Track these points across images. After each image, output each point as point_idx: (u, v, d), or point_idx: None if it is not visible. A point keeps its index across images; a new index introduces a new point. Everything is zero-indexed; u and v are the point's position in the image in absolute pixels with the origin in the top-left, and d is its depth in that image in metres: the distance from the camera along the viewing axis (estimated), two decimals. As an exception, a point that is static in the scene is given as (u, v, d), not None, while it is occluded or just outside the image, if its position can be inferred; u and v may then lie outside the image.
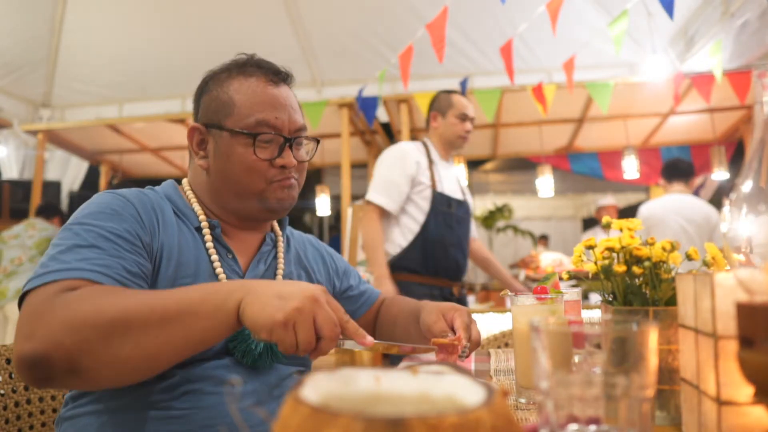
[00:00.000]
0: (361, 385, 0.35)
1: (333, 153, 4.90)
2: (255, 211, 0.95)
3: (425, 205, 2.34)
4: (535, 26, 3.61)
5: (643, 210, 3.50)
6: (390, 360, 2.11)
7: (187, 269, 0.86)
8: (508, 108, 4.43)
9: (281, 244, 1.04)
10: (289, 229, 1.13)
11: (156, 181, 1.00)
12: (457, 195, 2.45)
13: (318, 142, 1.03)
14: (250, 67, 0.97)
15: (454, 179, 2.50)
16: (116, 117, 4.98)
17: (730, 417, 0.45)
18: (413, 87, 4.13)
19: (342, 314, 0.70)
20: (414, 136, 4.88)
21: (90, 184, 5.89)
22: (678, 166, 3.55)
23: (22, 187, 5.16)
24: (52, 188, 5.32)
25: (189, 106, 4.94)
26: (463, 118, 2.40)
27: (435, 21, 3.15)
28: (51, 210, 4.12)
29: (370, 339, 0.72)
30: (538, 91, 3.79)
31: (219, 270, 0.90)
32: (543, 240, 7.59)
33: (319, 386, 0.33)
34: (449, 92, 2.48)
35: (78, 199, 5.55)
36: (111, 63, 4.82)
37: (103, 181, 5.80)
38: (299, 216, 9.35)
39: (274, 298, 0.66)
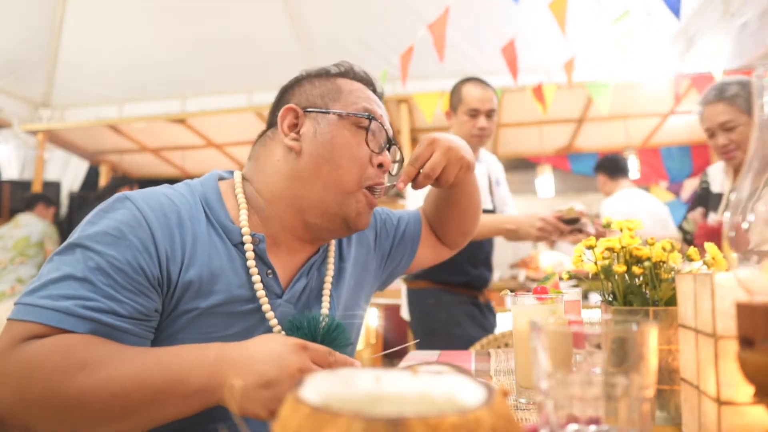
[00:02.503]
0: (361, 385, 0.35)
1: (333, 153, 4.90)
2: (328, 215, 0.85)
3: None
4: (536, 26, 3.61)
5: (615, 204, 3.56)
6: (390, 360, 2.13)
7: (221, 297, 0.78)
8: (508, 108, 4.43)
9: (332, 252, 0.97)
10: None
11: (156, 182, 0.95)
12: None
13: (402, 161, 0.98)
14: (353, 74, 0.94)
15: (483, 183, 2.15)
16: (116, 117, 4.98)
17: (730, 417, 0.45)
18: (413, 87, 4.14)
19: (328, 358, 0.67)
20: (414, 136, 4.88)
21: (90, 184, 5.89)
22: (619, 164, 3.63)
23: (22, 187, 5.17)
24: (52, 188, 5.32)
25: (189, 106, 4.97)
26: (474, 114, 2.03)
27: (437, 21, 3.15)
28: (31, 201, 4.12)
29: (358, 363, 0.71)
30: (538, 91, 3.79)
31: (261, 292, 0.82)
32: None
33: (319, 386, 0.33)
34: (463, 80, 2.10)
35: (78, 199, 5.55)
36: (111, 63, 4.82)
37: (103, 182, 5.80)
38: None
39: (262, 390, 0.62)
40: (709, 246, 0.68)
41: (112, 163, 5.83)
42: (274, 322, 0.82)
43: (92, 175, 5.89)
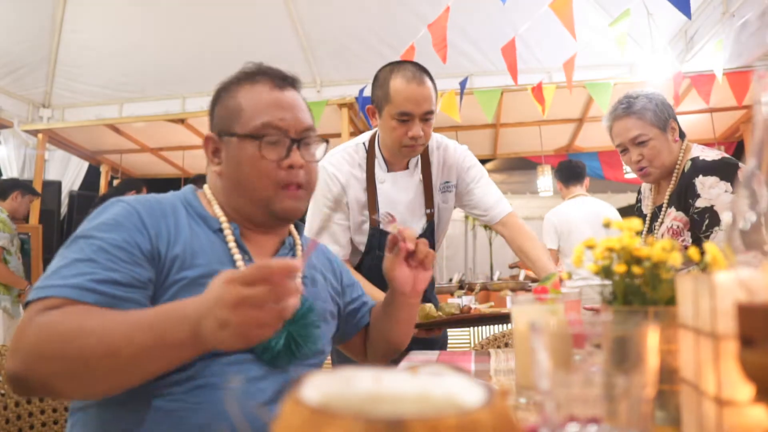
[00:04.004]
0: (361, 385, 0.35)
1: (333, 153, 4.90)
2: (264, 217, 0.98)
3: (361, 245, 1.66)
4: (535, 26, 3.61)
5: (551, 218, 3.58)
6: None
7: (203, 269, 0.88)
8: (508, 108, 4.44)
9: (299, 249, 1.07)
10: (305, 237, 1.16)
11: (156, 181, 1.01)
12: (411, 226, 1.63)
13: (327, 142, 1.05)
14: (257, 74, 1.00)
15: (411, 198, 1.66)
16: (116, 117, 4.98)
17: (730, 417, 0.45)
18: (413, 87, 4.12)
19: (261, 272, 0.66)
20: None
21: (90, 184, 5.88)
22: (574, 171, 3.67)
23: (22, 187, 5.16)
24: (52, 188, 5.32)
25: (189, 106, 4.97)
26: (404, 118, 1.49)
27: (436, 21, 3.15)
28: (6, 189, 4.03)
29: (295, 263, 0.68)
30: (537, 91, 3.80)
31: (241, 265, 0.92)
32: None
33: (319, 386, 0.33)
34: (393, 68, 1.54)
35: (78, 199, 5.55)
36: (111, 63, 4.82)
37: (103, 181, 5.81)
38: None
39: (220, 331, 0.67)
40: (709, 246, 0.68)
41: (112, 162, 5.83)
42: None
43: (92, 174, 5.89)
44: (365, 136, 1.70)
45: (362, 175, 1.63)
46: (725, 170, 1.59)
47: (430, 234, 1.69)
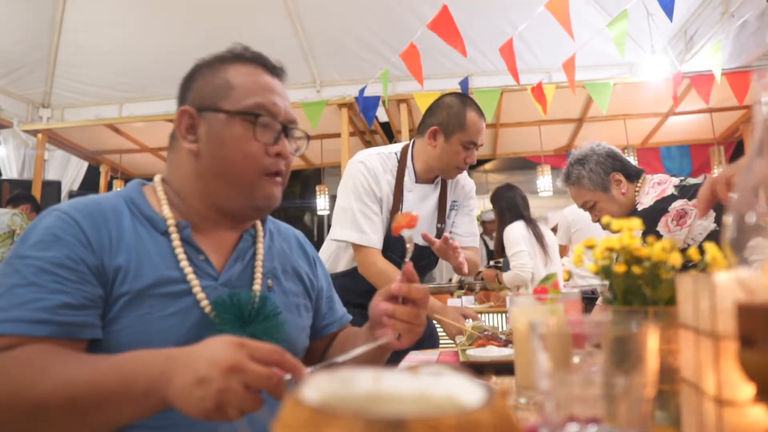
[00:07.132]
0: (361, 385, 0.35)
1: (333, 153, 4.91)
2: (239, 206, 0.91)
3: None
4: (535, 26, 3.61)
5: (568, 215, 3.65)
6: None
7: (150, 279, 0.81)
8: (508, 108, 4.43)
9: (261, 240, 0.99)
10: (274, 222, 1.07)
11: None
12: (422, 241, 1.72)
13: (309, 138, 1.00)
14: (246, 55, 0.95)
15: (430, 211, 1.85)
16: (116, 117, 4.98)
17: (730, 417, 0.45)
18: (413, 87, 4.14)
19: (273, 355, 0.63)
20: (413, 136, 4.88)
21: (89, 184, 5.89)
22: None
23: (21, 187, 5.16)
24: (51, 188, 5.32)
25: (189, 106, 4.98)
26: (470, 146, 1.74)
27: (436, 21, 3.16)
28: (19, 199, 4.11)
29: (307, 370, 0.66)
30: (537, 91, 3.80)
31: (188, 270, 0.84)
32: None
33: (319, 386, 0.33)
34: (464, 102, 1.76)
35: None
36: (111, 63, 4.82)
37: (102, 181, 5.80)
38: (299, 216, 9.34)
39: (195, 388, 0.60)
40: (709, 246, 0.68)
41: (112, 162, 5.82)
42: (205, 303, 0.84)
43: (92, 174, 5.89)
44: (397, 147, 1.88)
45: (393, 180, 1.80)
46: (644, 221, 1.63)
47: (429, 258, 1.82)
